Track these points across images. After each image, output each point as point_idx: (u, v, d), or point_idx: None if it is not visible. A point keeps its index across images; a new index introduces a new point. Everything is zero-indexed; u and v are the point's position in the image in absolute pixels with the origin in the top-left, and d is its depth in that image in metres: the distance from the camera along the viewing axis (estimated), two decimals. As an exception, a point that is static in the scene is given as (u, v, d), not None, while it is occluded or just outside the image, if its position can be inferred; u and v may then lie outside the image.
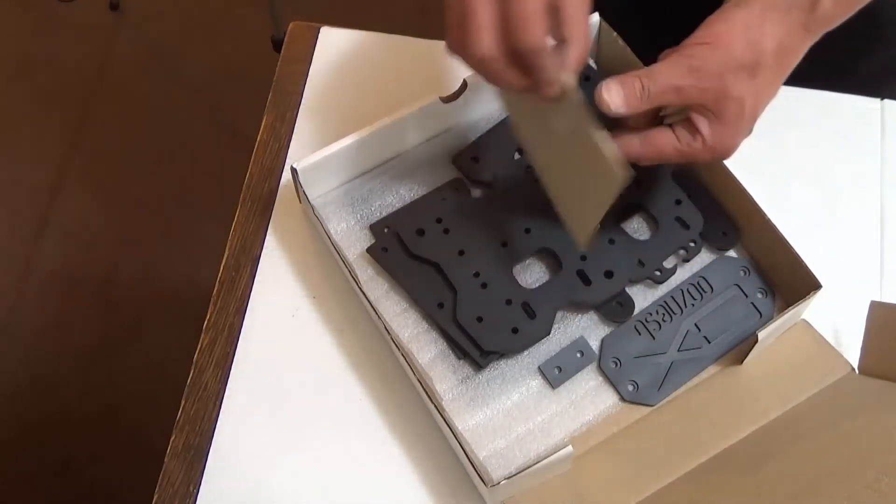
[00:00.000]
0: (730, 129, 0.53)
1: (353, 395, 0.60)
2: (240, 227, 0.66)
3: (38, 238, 1.56)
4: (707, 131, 0.53)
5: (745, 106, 0.52)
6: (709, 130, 0.53)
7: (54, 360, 1.46)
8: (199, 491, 0.57)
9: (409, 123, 0.63)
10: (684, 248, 0.62)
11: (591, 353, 0.60)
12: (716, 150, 0.54)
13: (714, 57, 0.51)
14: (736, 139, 0.54)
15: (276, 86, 0.71)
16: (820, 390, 0.57)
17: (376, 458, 0.58)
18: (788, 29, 0.52)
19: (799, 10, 0.52)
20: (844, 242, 0.65)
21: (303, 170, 0.61)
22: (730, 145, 0.54)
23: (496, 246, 0.61)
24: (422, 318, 0.61)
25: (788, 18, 0.52)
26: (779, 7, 0.51)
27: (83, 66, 1.73)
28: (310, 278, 0.63)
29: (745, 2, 0.52)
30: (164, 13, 1.79)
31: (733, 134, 0.54)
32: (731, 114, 0.52)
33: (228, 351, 0.61)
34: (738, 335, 0.60)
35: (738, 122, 0.53)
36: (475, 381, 0.59)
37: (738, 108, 0.52)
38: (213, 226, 1.53)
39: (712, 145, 0.54)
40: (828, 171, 0.68)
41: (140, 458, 0.97)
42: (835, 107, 0.70)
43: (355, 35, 0.73)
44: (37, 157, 1.64)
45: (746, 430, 0.56)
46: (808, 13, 0.52)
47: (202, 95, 1.71)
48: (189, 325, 0.70)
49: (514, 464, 0.57)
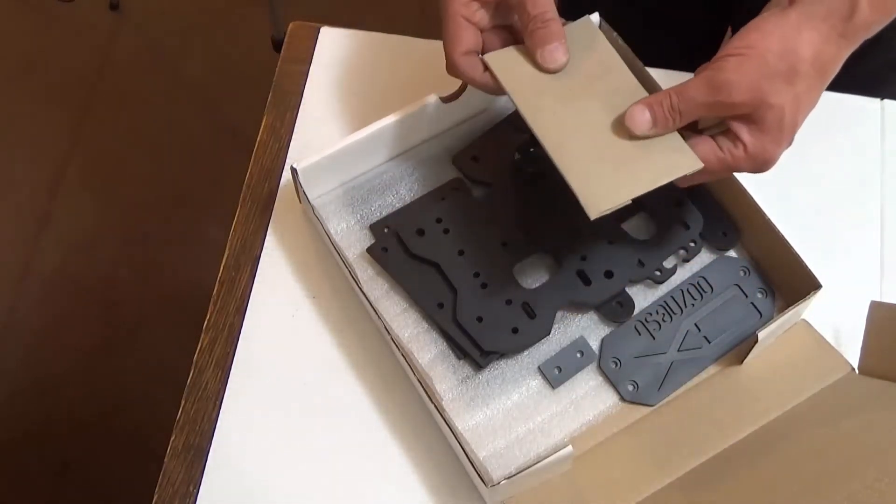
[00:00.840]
0: (771, 137, 0.52)
1: (352, 395, 0.60)
2: (240, 227, 0.66)
3: (38, 238, 1.56)
4: (748, 139, 0.52)
5: (785, 114, 0.51)
6: (750, 138, 0.52)
7: (54, 361, 1.46)
8: (199, 491, 0.57)
9: (409, 123, 0.63)
10: (684, 248, 0.62)
11: (591, 353, 0.60)
12: (757, 159, 0.53)
13: (748, 67, 0.51)
14: (778, 148, 0.53)
15: (276, 86, 0.71)
16: (820, 390, 0.57)
17: (376, 458, 0.58)
18: (826, 37, 0.51)
19: (836, 19, 0.51)
20: (844, 242, 0.65)
21: (303, 170, 0.61)
22: (772, 154, 0.53)
23: (496, 246, 0.61)
24: (422, 318, 0.61)
25: (826, 26, 0.51)
26: (816, 16, 0.51)
27: (83, 66, 1.73)
28: (310, 278, 0.63)
29: (782, 11, 0.51)
30: (164, 13, 1.79)
31: (775, 142, 0.52)
32: (771, 122, 0.52)
33: (228, 351, 0.61)
34: (738, 335, 0.60)
35: (779, 131, 0.52)
36: (475, 381, 0.59)
37: (777, 116, 0.51)
38: (213, 226, 1.53)
39: (754, 153, 0.53)
40: (828, 171, 0.68)
41: (140, 458, 0.97)
42: (835, 107, 0.70)
43: (355, 35, 0.73)
44: (37, 156, 1.64)
45: (746, 430, 0.56)
46: (845, 21, 0.51)
47: (202, 95, 1.71)
48: (189, 325, 0.70)
49: (514, 464, 0.57)
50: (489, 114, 0.68)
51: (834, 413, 0.55)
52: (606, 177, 0.53)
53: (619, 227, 0.63)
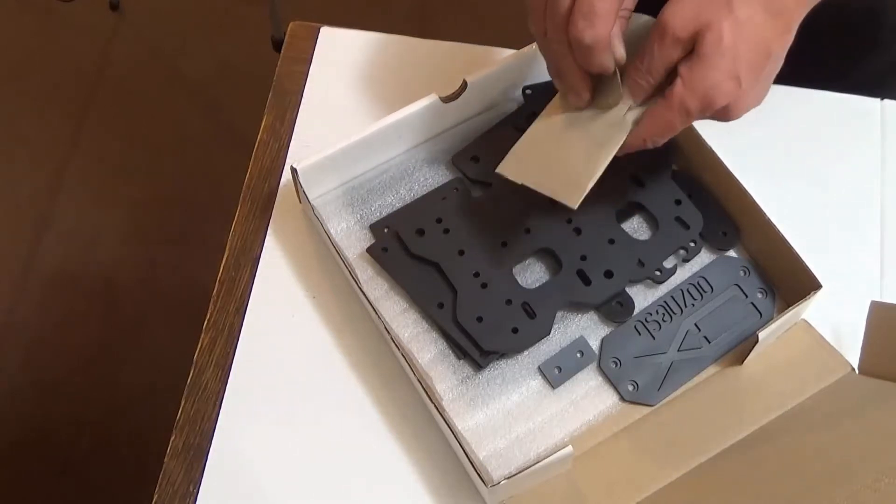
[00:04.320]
0: (709, 63, 0.50)
1: (352, 395, 0.60)
2: (240, 226, 0.66)
3: (38, 238, 1.56)
4: (684, 69, 0.51)
5: (723, 36, 0.49)
6: (686, 69, 0.51)
7: (54, 360, 1.46)
8: (199, 491, 0.57)
9: (410, 123, 0.63)
10: (684, 248, 0.62)
11: (591, 353, 0.60)
12: (697, 89, 0.51)
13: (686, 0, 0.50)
14: (719, 74, 0.50)
15: (276, 86, 0.71)
16: (820, 390, 0.57)
17: (376, 458, 0.58)
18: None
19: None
20: (844, 242, 0.65)
21: (303, 170, 0.61)
22: (713, 81, 0.50)
23: (496, 246, 0.61)
24: (422, 318, 0.61)
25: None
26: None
27: (83, 66, 1.73)
28: (310, 278, 0.63)
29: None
30: (164, 13, 1.79)
31: (714, 67, 0.50)
32: (708, 45, 0.50)
33: (228, 351, 0.61)
34: (738, 335, 0.60)
35: (719, 56, 0.50)
36: (475, 381, 0.59)
37: (714, 39, 0.49)
38: (213, 226, 1.52)
39: (691, 82, 0.51)
40: (828, 171, 0.68)
41: (140, 458, 0.97)
42: (835, 107, 0.70)
43: (355, 35, 0.73)
44: (37, 156, 1.64)
45: (746, 430, 0.56)
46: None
47: (202, 95, 1.71)
48: (189, 325, 0.70)
49: (514, 464, 0.57)
50: (489, 114, 0.68)
51: (834, 413, 0.55)
52: (570, 170, 0.56)
53: (619, 227, 0.63)
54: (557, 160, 0.57)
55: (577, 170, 0.56)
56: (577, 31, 0.51)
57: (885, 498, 0.45)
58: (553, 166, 0.57)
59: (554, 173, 0.57)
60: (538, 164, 0.58)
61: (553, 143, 0.58)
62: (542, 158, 0.58)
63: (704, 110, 0.52)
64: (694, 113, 0.52)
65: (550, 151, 0.58)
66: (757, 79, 0.52)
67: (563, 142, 0.57)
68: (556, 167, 0.57)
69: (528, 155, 0.59)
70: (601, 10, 0.50)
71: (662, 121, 0.53)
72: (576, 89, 0.55)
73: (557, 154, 0.57)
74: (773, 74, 0.53)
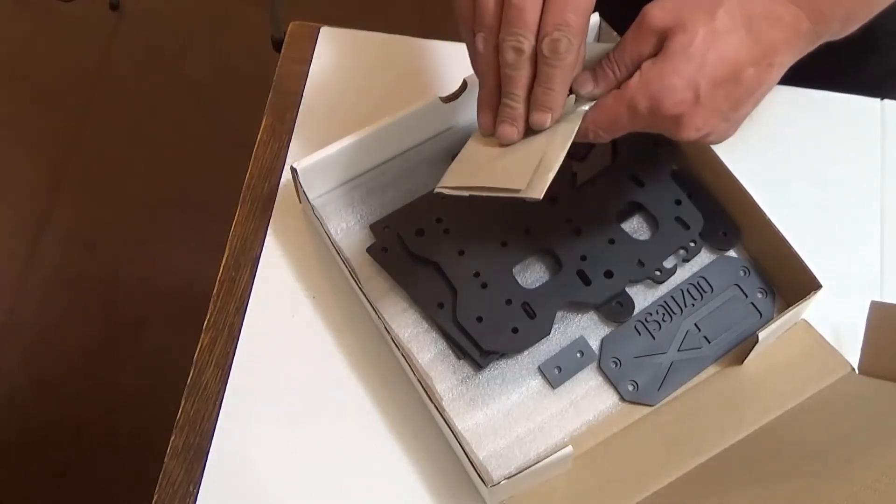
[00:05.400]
0: (671, 65, 0.48)
1: (352, 395, 0.60)
2: (240, 226, 0.66)
3: (38, 238, 1.56)
4: (646, 65, 0.49)
5: (695, 42, 0.48)
6: (648, 63, 0.49)
7: (54, 360, 1.46)
8: (199, 491, 0.57)
9: (409, 123, 0.63)
10: (684, 248, 0.62)
11: (591, 353, 0.60)
12: (651, 84, 0.49)
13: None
14: (674, 78, 0.48)
15: (276, 86, 0.71)
16: (820, 390, 0.57)
17: (376, 458, 0.58)
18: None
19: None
20: (844, 242, 0.65)
21: (303, 170, 0.61)
22: (666, 83, 0.48)
23: (496, 246, 0.61)
24: (422, 318, 0.61)
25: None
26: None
27: (83, 66, 1.73)
28: (310, 278, 0.63)
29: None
30: (164, 13, 1.79)
31: (675, 72, 0.48)
32: (677, 46, 0.48)
33: (228, 351, 0.61)
34: (738, 335, 0.60)
35: (684, 60, 0.48)
36: (475, 381, 0.59)
37: (685, 42, 0.48)
38: (213, 226, 1.52)
39: (647, 77, 0.49)
40: (828, 171, 0.68)
41: (140, 458, 0.97)
42: (835, 107, 0.70)
43: (355, 35, 0.73)
44: (37, 157, 1.64)
45: (746, 430, 0.56)
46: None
47: (202, 95, 1.71)
48: (189, 325, 0.70)
49: (514, 464, 0.57)
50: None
51: (834, 413, 0.55)
52: (524, 164, 0.53)
53: (619, 227, 0.63)
54: (510, 158, 0.54)
55: (532, 161, 0.52)
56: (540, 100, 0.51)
57: (885, 498, 0.45)
58: (504, 163, 0.54)
59: (507, 169, 0.54)
60: (485, 166, 0.55)
61: (496, 146, 0.55)
62: (488, 161, 0.55)
63: (653, 113, 0.49)
64: (642, 112, 0.49)
65: (497, 154, 0.55)
66: (716, 101, 0.49)
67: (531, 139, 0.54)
68: (508, 163, 0.54)
69: (473, 160, 0.56)
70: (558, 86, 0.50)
71: (610, 113, 0.51)
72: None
73: (506, 153, 0.54)
74: (740, 107, 0.51)
